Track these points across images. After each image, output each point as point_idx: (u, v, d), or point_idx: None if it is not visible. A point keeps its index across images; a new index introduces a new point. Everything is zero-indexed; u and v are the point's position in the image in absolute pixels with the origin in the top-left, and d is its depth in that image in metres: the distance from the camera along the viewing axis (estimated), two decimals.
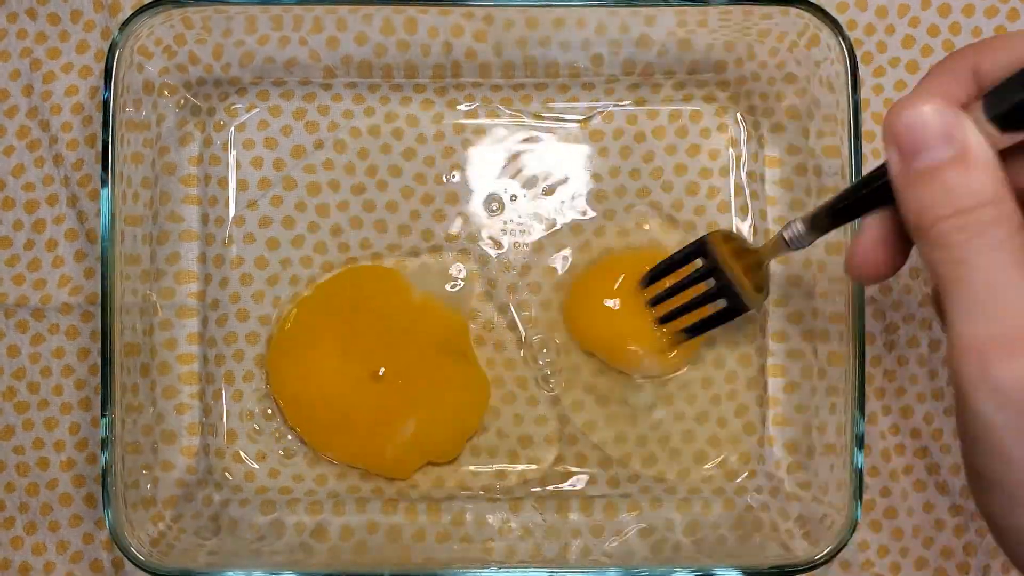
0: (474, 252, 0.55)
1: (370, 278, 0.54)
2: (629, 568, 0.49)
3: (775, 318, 0.54)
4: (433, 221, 0.55)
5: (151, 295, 0.53)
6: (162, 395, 0.54)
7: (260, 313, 0.55)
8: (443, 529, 0.54)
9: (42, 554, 0.54)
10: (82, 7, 0.55)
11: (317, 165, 0.55)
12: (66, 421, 0.54)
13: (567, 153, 0.55)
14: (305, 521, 0.54)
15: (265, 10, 0.50)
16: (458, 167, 0.55)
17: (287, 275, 0.55)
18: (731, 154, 0.55)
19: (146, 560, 0.48)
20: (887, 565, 0.54)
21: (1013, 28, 0.55)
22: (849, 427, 0.49)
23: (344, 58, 0.53)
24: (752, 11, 0.49)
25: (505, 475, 0.54)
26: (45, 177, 0.55)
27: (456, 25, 0.52)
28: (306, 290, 0.55)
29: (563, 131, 0.55)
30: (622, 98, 0.55)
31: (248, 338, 0.54)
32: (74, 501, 0.54)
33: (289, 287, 0.55)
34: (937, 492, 0.54)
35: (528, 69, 0.54)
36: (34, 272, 0.55)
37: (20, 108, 0.55)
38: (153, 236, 0.53)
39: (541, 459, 0.55)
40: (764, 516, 0.53)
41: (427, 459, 0.54)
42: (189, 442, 0.54)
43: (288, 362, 0.54)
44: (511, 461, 0.55)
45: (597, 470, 0.54)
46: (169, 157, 0.54)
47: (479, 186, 0.55)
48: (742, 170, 0.55)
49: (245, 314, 0.55)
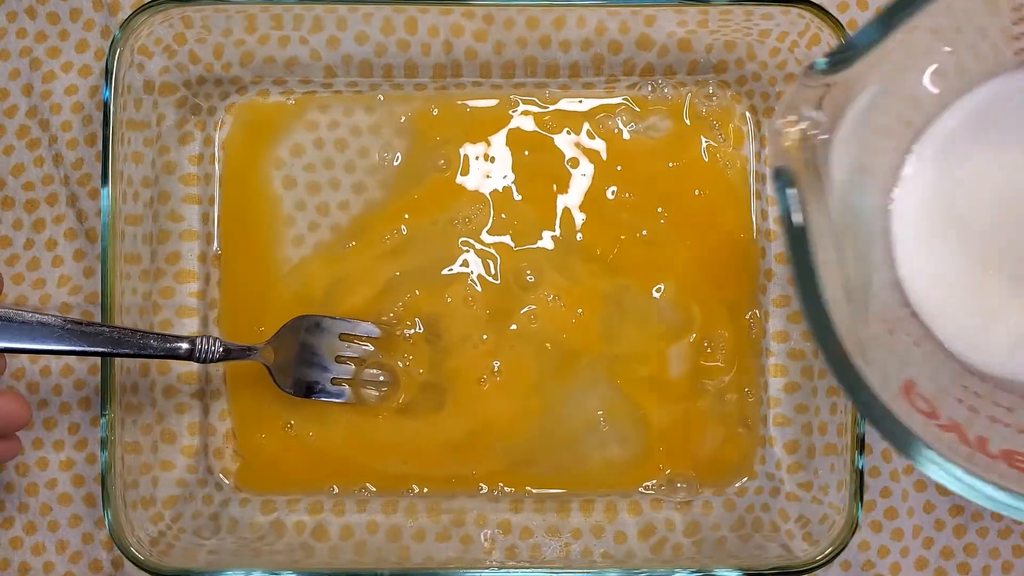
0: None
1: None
2: (629, 568, 0.49)
3: (775, 318, 0.54)
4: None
5: (151, 294, 0.53)
6: (162, 395, 0.54)
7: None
8: (443, 529, 0.54)
9: (41, 554, 0.54)
10: (82, 6, 0.55)
11: (317, 164, 0.55)
12: (65, 421, 0.54)
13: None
14: (305, 521, 0.54)
15: (265, 9, 0.50)
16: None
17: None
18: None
19: (146, 560, 0.48)
20: (887, 565, 0.54)
21: None
22: (849, 427, 0.49)
23: (344, 57, 0.53)
24: (753, 11, 0.49)
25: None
26: (45, 176, 0.55)
27: (456, 25, 0.52)
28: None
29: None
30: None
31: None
32: (73, 501, 0.54)
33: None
34: (937, 492, 0.54)
35: (528, 69, 0.54)
36: (34, 272, 0.54)
37: (19, 107, 0.55)
38: (153, 235, 0.53)
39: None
40: (764, 516, 0.53)
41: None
42: (189, 442, 0.54)
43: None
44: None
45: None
46: (169, 156, 0.54)
47: (480, 185, 0.55)
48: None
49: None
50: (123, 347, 0.46)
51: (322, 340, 0.52)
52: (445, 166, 0.55)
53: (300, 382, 0.52)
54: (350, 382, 0.53)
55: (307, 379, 0.52)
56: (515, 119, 0.55)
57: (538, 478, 0.54)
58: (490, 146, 0.55)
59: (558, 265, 0.54)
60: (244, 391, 0.54)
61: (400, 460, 0.54)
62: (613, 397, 0.54)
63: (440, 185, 0.55)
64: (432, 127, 0.55)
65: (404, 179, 0.55)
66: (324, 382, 0.52)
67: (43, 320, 0.45)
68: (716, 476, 0.54)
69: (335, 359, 0.52)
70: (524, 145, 0.55)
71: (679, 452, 0.54)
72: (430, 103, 0.55)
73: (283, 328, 0.52)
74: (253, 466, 0.54)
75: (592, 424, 0.54)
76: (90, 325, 0.46)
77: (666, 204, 0.54)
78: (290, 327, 0.52)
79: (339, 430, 0.54)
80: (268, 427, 0.54)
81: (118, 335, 0.46)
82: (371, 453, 0.54)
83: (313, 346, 0.52)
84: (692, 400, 0.54)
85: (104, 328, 0.46)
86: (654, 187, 0.55)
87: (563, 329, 0.54)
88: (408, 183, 0.55)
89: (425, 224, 0.54)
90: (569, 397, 0.54)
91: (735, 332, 0.54)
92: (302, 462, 0.54)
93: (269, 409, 0.54)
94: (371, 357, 0.53)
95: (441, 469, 0.54)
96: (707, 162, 0.55)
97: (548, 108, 0.55)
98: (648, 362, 0.54)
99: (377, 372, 0.53)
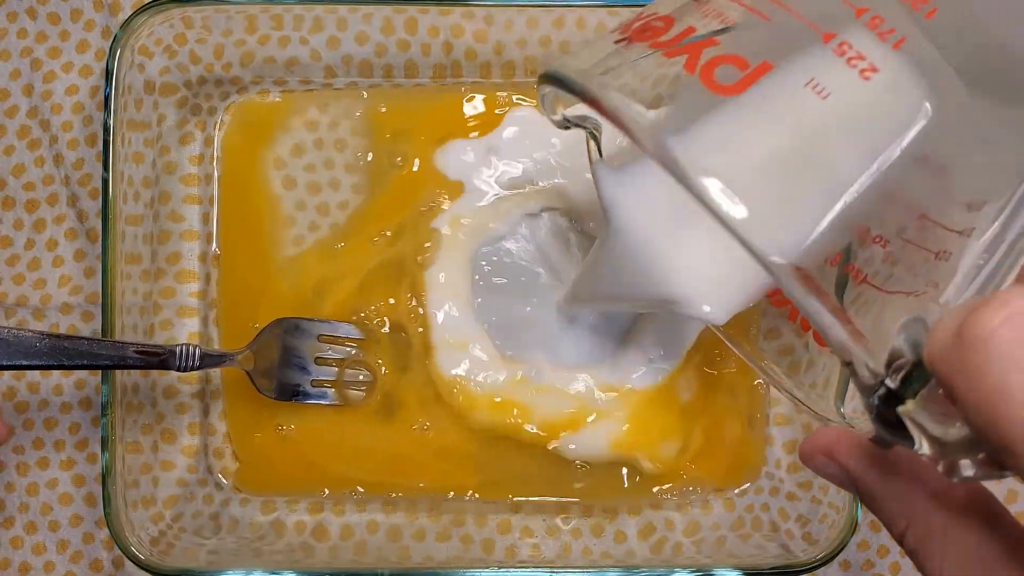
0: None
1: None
2: (629, 568, 0.49)
3: (775, 318, 0.54)
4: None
5: (152, 294, 0.53)
6: (162, 395, 0.54)
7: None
8: (443, 529, 0.54)
9: (42, 554, 0.54)
10: (82, 6, 0.55)
11: (318, 164, 0.55)
12: (66, 420, 0.54)
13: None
14: (305, 521, 0.54)
15: (265, 9, 0.50)
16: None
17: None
18: None
19: (146, 559, 0.48)
20: (887, 565, 0.54)
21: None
22: None
23: (345, 57, 0.53)
24: None
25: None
26: (45, 176, 0.55)
27: (456, 25, 0.52)
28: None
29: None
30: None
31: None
32: (74, 501, 0.54)
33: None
34: None
35: (528, 69, 0.54)
36: (34, 271, 0.54)
37: (20, 107, 0.55)
38: (154, 235, 0.53)
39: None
40: (764, 516, 0.53)
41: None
42: (189, 442, 0.54)
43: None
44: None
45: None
46: (170, 156, 0.54)
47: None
48: None
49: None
50: (101, 360, 0.46)
51: (303, 342, 0.52)
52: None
53: (284, 385, 0.52)
54: (333, 383, 0.53)
55: (291, 382, 0.52)
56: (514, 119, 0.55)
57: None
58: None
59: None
60: (238, 395, 0.54)
61: (386, 467, 0.54)
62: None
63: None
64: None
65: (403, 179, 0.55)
66: (306, 384, 0.52)
67: (21, 336, 0.45)
68: (729, 479, 0.54)
69: (315, 361, 0.53)
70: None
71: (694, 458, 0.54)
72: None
73: (263, 332, 0.52)
74: (249, 469, 0.54)
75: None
76: (69, 339, 0.46)
77: None
78: (269, 331, 0.52)
79: (327, 433, 0.54)
80: (262, 430, 0.54)
81: (96, 348, 0.46)
82: (356, 457, 0.54)
83: (295, 349, 0.52)
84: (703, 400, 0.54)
85: (83, 341, 0.46)
86: None
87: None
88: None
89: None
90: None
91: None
92: (296, 465, 0.54)
93: (261, 413, 0.54)
94: (351, 357, 0.53)
95: (427, 476, 0.54)
96: None
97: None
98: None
99: (357, 372, 0.53)
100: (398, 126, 0.55)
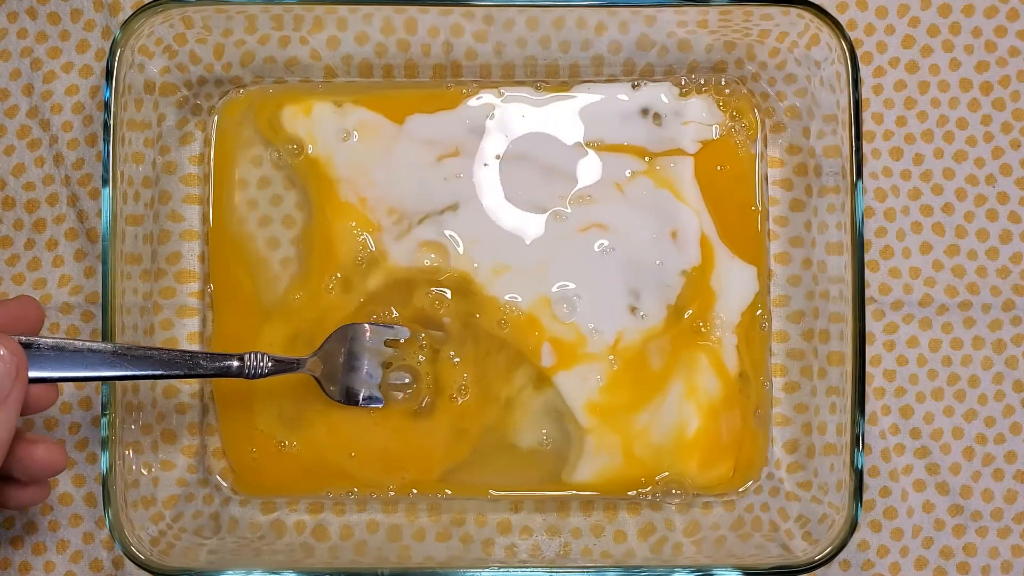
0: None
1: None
2: (629, 568, 0.49)
3: (775, 318, 0.54)
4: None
5: (152, 294, 0.53)
6: (162, 395, 0.54)
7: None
8: (443, 529, 0.54)
9: (42, 553, 0.54)
10: (82, 6, 0.55)
11: None
12: (66, 421, 0.54)
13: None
14: (305, 521, 0.54)
15: (265, 9, 0.50)
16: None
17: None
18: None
19: (146, 559, 0.48)
20: (887, 565, 0.54)
21: (1012, 28, 0.55)
22: (849, 427, 0.49)
23: (345, 57, 0.53)
24: (752, 11, 0.50)
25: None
26: (45, 176, 0.55)
27: (456, 25, 0.52)
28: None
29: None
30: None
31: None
32: (74, 500, 0.54)
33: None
34: (937, 492, 0.54)
35: (528, 69, 0.54)
36: (34, 271, 0.55)
37: (20, 107, 0.55)
38: (154, 235, 0.53)
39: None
40: (764, 516, 0.53)
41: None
42: (189, 442, 0.54)
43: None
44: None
45: None
46: (170, 156, 0.54)
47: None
48: None
49: None
50: (174, 369, 0.46)
51: (365, 347, 0.52)
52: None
53: (348, 390, 0.52)
54: (401, 387, 0.53)
55: (354, 387, 0.52)
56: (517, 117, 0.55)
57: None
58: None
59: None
60: (231, 408, 0.54)
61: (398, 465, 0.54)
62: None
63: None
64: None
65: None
66: (369, 389, 0.53)
67: (93, 347, 0.45)
68: (729, 480, 0.54)
69: (381, 365, 0.53)
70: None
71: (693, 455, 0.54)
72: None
73: (329, 338, 0.52)
74: (245, 476, 0.54)
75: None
76: (139, 349, 0.46)
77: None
78: (336, 336, 0.52)
79: (334, 437, 0.54)
80: (257, 442, 0.54)
81: (167, 357, 0.46)
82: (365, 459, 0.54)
83: (358, 354, 0.52)
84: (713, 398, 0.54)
85: (153, 351, 0.46)
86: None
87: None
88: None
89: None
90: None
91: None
92: (293, 472, 0.54)
93: (256, 424, 0.54)
94: (396, 360, 0.53)
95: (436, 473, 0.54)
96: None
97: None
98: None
99: (404, 374, 0.53)
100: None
